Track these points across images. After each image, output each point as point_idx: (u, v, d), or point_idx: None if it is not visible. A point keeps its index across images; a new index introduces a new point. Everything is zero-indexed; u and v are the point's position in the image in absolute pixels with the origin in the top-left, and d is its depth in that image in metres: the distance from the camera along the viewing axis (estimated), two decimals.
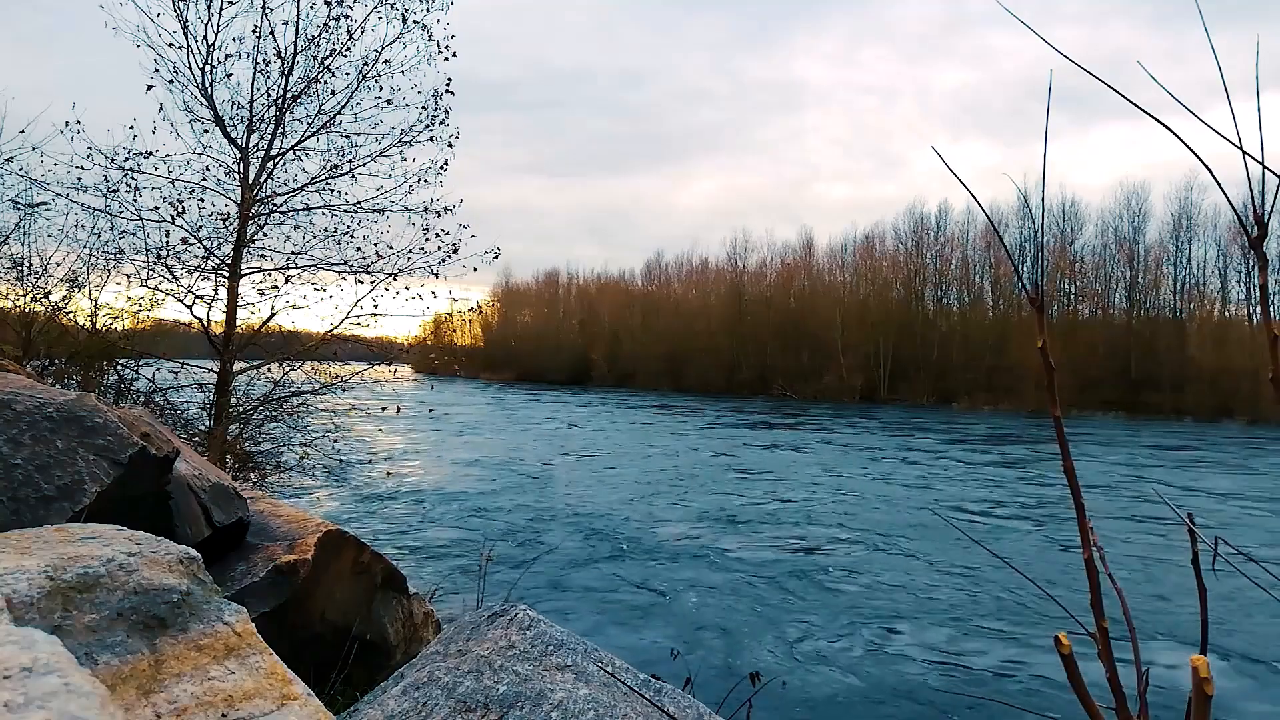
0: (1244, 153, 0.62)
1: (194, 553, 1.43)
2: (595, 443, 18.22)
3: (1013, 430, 25.33)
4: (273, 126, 6.81)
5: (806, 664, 5.03)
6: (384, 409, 7.62)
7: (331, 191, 7.10)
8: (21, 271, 6.72)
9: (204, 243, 6.66)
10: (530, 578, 6.44)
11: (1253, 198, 0.62)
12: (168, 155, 6.53)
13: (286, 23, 6.63)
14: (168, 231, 6.53)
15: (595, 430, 21.62)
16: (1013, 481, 13.47)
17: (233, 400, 6.88)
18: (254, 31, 6.58)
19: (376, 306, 7.16)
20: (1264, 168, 0.63)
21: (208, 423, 6.69)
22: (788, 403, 40.10)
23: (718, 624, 5.73)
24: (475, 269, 7.19)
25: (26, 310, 6.54)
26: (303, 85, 6.81)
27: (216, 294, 6.75)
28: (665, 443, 18.66)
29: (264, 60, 6.67)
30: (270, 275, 7.02)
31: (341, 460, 7.61)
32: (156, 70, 6.43)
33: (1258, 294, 0.66)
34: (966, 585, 6.83)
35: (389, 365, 7.91)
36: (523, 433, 20.28)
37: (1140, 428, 28.81)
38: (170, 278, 6.65)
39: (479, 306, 9.31)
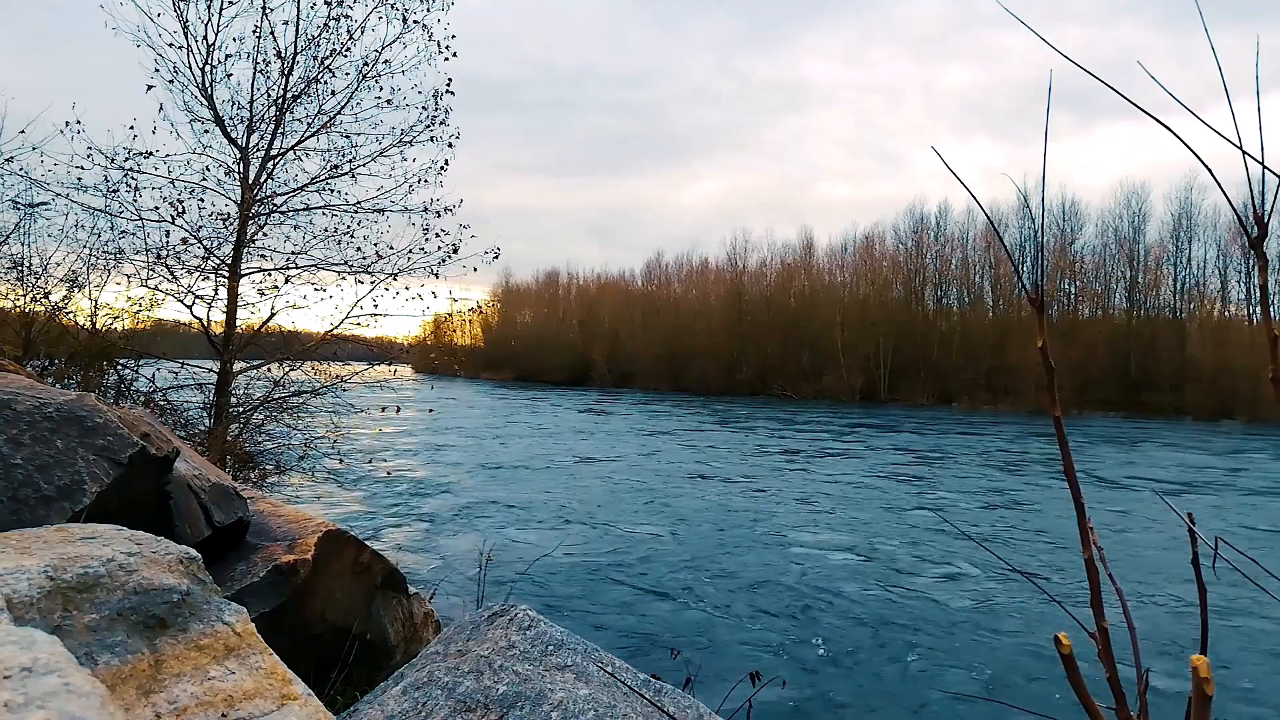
0: (1244, 153, 0.62)
1: (194, 553, 1.43)
2: (595, 443, 18.22)
3: (1013, 430, 25.32)
4: (273, 126, 6.81)
5: (807, 664, 5.03)
6: (384, 409, 7.62)
7: (331, 191, 7.11)
8: (21, 271, 6.71)
9: (204, 243, 6.67)
10: (530, 577, 6.44)
11: (1253, 198, 0.62)
12: (168, 155, 6.53)
13: (286, 23, 6.64)
14: (168, 231, 6.53)
15: (595, 430, 21.62)
16: (1012, 482, 13.47)
17: (233, 400, 6.88)
18: (254, 31, 6.59)
19: (376, 306, 7.16)
20: (1264, 168, 0.63)
21: (208, 423, 6.69)
22: (788, 403, 40.10)
23: (718, 624, 5.72)
24: (475, 269, 7.20)
25: (26, 310, 6.53)
26: (303, 85, 6.81)
27: (216, 294, 6.76)
28: (665, 443, 18.66)
29: (264, 60, 6.68)
30: (270, 275, 7.03)
31: (341, 460, 7.61)
32: (156, 70, 6.44)
33: (1258, 294, 0.66)
34: (967, 585, 6.83)
35: (389, 365, 7.91)
36: (522, 433, 20.27)
37: (1140, 428, 28.81)
38: (170, 278, 6.65)
39: (479, 306, 9.32)
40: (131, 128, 6.32)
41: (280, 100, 6.74)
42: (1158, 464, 17.11)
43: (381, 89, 7.01)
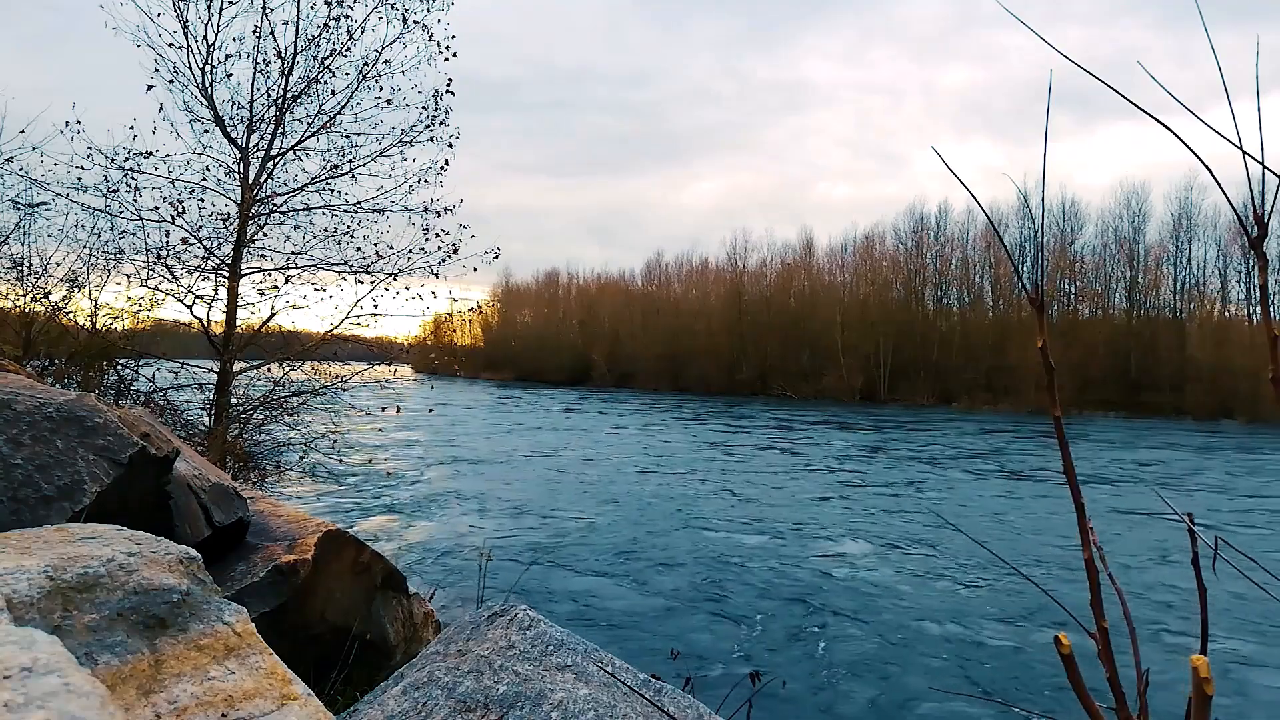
0: (1244, 153, 0.62)
1: (194, 553, 1.43)
2: (595, 443, 18.22)
3: (1013, 430, 25.32)
4: (273, 126, 6.81)
5: (807, 664, 5.03)
6: (384, 409, 7.61)
7: (332, 191, 7.12)
8: (21, 271, 6.71)
9: (204, 243, 6.67)
10: (530, 578, 6.44)
11: (1253, 198, 0.62)
12: (168, 155, 6.54)
13: (287, 23, 6.65)
14: (168, 231, 6.54)
15: (594, 430, 21.62)
16: (1012, 481, 13.47)
17: (233, 400, 6.89)
18: (254, 31, 6.59)
19: (376, 306, 7.17)
20: (1264, 168, 0.63)
21: (208, 423, 6.69)
22: (788, 403, 40.10)
23: (718, 624, 5.72)
24: (475, 269, 7.21)
25: (26, 310, 6.53)
26: (303, 85, 6.81)
27: (216, 294, 6.77)
28: (665, 443, 18.66)
29: (264, 60, 6.69)
30: (270, 275, 7.03)
31: (341, 460, 7.61)
32: (156, 70, 6.44)
33: (1258, 294, 0.66)
34: (967, 585, 6.83)
35: (389, 365, 7.91)
36: (521, 433, 20.27)
37: (1140, 428, 28.80)
38: (170, 278, 6.66)
39: (479, 306, 9.33)
40: (131, 128, 6.33)
41: (280, 100, 6.75)
42: (1158, 464, 17.11)
43: (381, 89, 7.02)
